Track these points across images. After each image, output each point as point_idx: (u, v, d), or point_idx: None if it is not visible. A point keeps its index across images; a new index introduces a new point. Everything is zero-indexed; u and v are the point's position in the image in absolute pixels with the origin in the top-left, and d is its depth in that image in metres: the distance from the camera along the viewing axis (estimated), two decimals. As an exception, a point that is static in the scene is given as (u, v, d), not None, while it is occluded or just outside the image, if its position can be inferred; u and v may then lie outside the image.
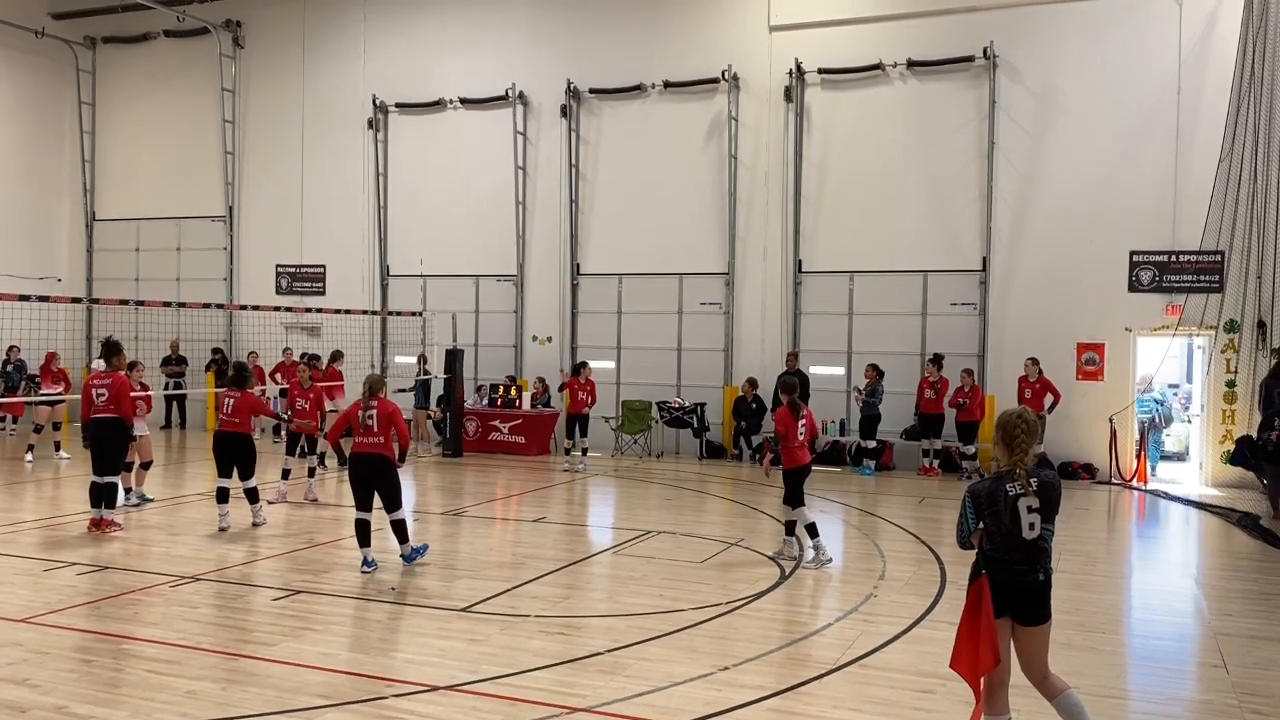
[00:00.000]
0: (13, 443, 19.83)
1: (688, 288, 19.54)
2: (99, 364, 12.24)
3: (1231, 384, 16.21)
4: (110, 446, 11.22)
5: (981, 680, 5.08)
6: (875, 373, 17.22)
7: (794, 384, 10.43)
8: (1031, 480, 5.03)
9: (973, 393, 16.56)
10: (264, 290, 22.58)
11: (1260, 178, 15.86)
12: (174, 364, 21.98)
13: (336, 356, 17.05)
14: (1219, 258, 16.18)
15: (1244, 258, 16.03)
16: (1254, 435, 14.59)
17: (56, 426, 17.56)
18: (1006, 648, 5.11)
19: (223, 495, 11.39)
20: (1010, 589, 5.04)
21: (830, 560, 9.94)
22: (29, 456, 16.82)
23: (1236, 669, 7.03)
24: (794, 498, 10.13)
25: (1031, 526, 5.01)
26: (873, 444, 17.30)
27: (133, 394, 11.66)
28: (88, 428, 11.23)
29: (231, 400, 11.49)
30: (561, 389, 18.03)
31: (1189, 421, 17.99)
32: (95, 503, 11.12)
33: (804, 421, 10.14)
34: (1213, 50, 16.26)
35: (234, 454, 11.43)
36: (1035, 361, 16.33)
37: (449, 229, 21.15)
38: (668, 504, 14.06)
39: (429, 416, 19.35)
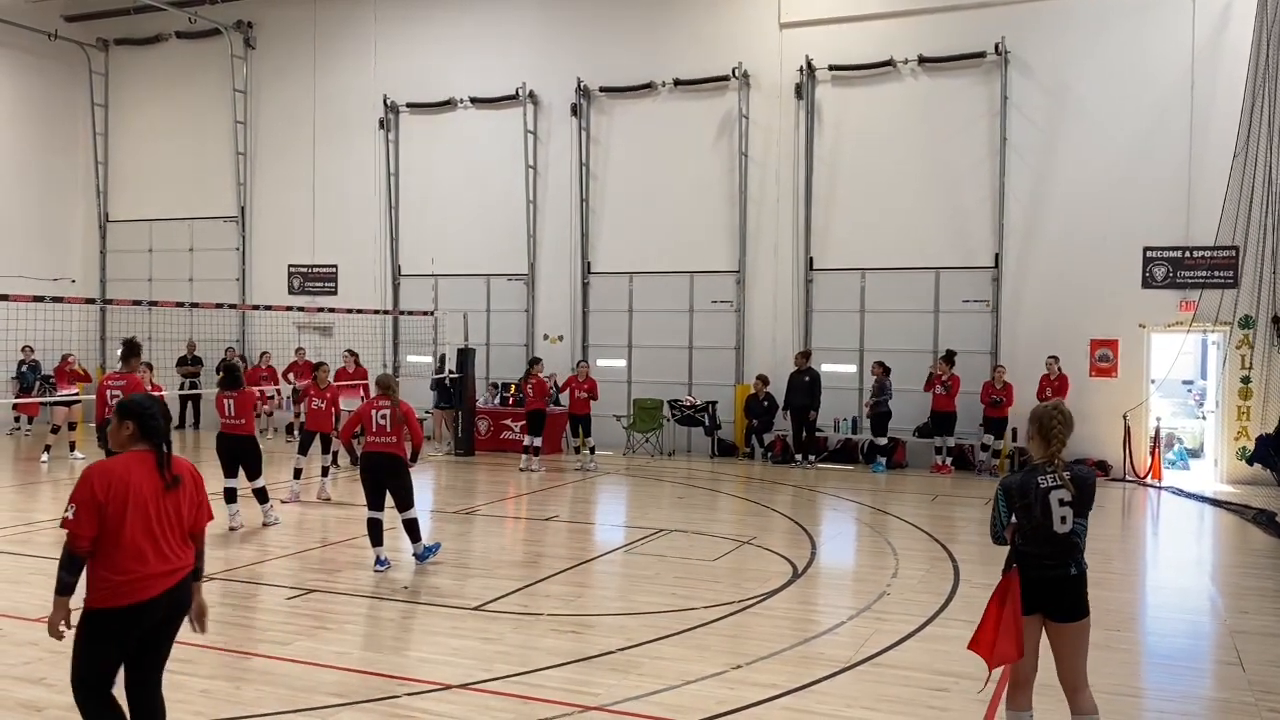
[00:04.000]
0: (28, 443, 19.95)
1: (699, 286, 19.52)
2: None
3: (1246, 380, 16.11)
4: None
5: (1002, 669, 4.99)
6: (882, 369, 17.19)
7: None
8: (1065, 473, 4.93)
9: (1005, 389, 16.50)
10: (276, 290, 22.64)
11: (1275, 172, 15.75)
12: (189, 364, 22.07)
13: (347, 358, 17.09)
14: (1233, 253, 16.08)
15: (1259, 253, 15.93)
16: (1271, 432, 14.50)
17: (72, 427, 17.66)
18: (1035, 646, 4.99)
19: (230, 495, 11.42)
20: (1042, 584, 4.93)
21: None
22: (45, 457, 16.91)
23: (1253, 666, 6.99)
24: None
25: (1063, 520, 4.90)
26: (884, 441, 17.26)
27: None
28: (102, 428, 11.27)
29: (231, 402, 11.51)
30: (562, 389, 17.75)
31: (1203, 418, 17.88)
32: None
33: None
34: (1226, 44, 16.15)
35: (239, 455, 11.47)
36: (1056, 359, 16.28)
37: (460, 228, 21.18)
38: (680, 502, 14.06)
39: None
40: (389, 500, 9.60)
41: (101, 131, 24.57)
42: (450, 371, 19.03)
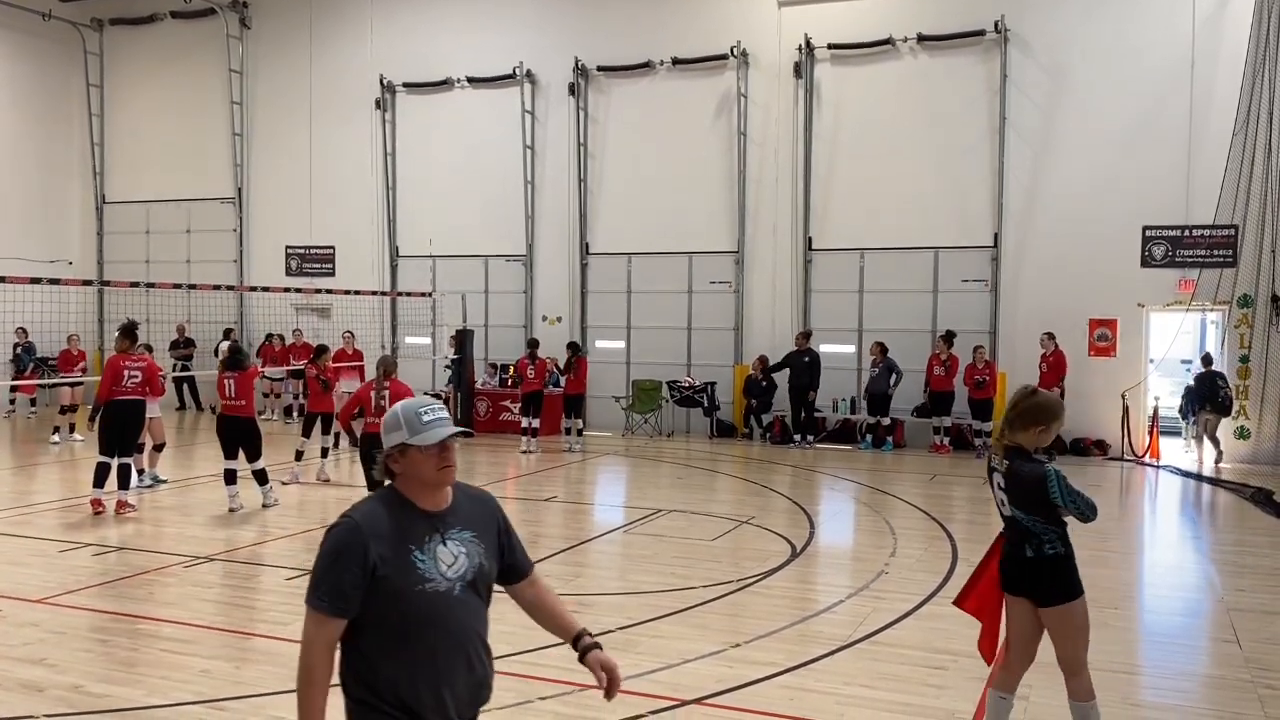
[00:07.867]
0: (27, 425, 19.95)
1: (697, 266, 19.49)
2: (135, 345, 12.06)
3: (1245, 359, 16.12)
4: (133, 427, 11.29)
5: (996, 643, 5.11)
6: (880, 350, 17.14)
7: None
8: (1005, 461, 4.82)
9: (986, 368, 16.51)
10: (274, 272, 22.60)
11: (1275, 151, 15.71)
12: (181, 346, 22.04)
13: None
14: (1233, 232, 16.05)
15: (1258, 232, 15.91)
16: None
17: (72, 409, 17.65)
18: (1024, 630, 4.91)
19: (230, 477, 11.43)
20: (1007, 562, 4.90)
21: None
22: (56, 438, 16.88)
23: (1249, 644, 7.02)
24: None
25: (1003, 503, 4.87)
26: (886, 421, 17.23)
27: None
28: (109, 406, 11.07)
29: (232, 382, 11.51)
30: (564, 371, 17.44)
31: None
32: (117, 483, 11.04)
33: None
34: (1226, 22, 16.08)
35: (239, 437, 11.46)
36: (1051, 336, 16.29)
37: (458, 209, 21.11)
38: (678, 482, 14.09)
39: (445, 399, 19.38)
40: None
41: (97, 112, 24.46)
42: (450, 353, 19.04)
